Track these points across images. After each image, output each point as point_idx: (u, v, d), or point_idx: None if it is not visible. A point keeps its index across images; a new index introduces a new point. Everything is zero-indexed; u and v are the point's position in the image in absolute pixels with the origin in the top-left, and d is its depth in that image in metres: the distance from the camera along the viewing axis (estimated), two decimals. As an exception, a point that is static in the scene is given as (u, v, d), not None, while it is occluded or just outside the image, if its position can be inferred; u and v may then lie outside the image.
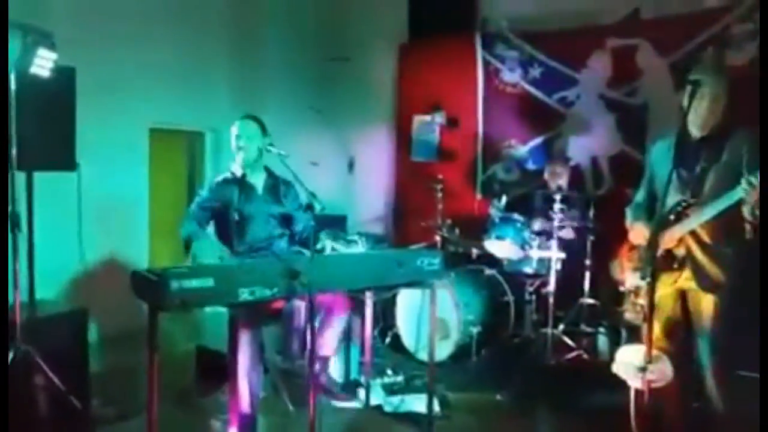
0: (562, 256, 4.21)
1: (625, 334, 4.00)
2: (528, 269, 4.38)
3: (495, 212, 4.46)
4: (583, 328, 4.46)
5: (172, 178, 5.75)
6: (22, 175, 3.33)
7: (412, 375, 3.92)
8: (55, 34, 3.15)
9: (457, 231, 4.74)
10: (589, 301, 4.48)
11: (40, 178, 3.50)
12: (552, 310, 4.15)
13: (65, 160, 3.45)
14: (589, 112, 5.12)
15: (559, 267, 4.20)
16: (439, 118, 5.88)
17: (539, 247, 4.26)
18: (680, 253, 2.66)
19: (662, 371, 2.43)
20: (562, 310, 4.41)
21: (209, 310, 3.25)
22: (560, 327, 4.31)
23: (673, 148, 2.67)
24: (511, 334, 4.43)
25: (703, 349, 2.66)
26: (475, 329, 4.18)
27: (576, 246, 4.43)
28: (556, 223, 4.13)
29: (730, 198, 2.44)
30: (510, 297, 4.42)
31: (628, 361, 2.46)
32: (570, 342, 4.19)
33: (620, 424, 2.59)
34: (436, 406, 3.35)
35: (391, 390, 3.70)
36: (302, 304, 3.28)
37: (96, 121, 4.04)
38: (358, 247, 3.36)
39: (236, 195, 3.31)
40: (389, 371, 3.94)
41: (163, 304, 2.23)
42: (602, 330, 4.32)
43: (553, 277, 4.16)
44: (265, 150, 3.26)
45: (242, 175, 3.37)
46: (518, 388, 3.70)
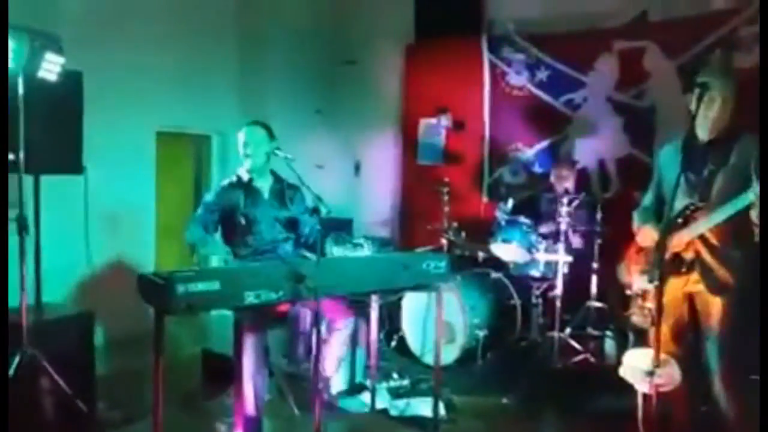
0: (569, 259, 4.19)
1: (632, 338, 3.97)
2: (535, 272, 4.36)
3: (501, 215, 4.45)
4: (590, 331, 4.44)
5: (179, 181, 5.77)
6: (30, 179, 3.35)
7: (417, 378, 3.91)
8: (63, 39, 3.17)
9: (464, 234, 4.73)
10: (596, 305, 4.45)
11: (48, 182, 3.52)
12: (559, 314, 4.13)
13: (72, 163, 3.47)
14: (596, 115, 5.10)
15: (566, 270, 4.18)
16: (445, 121, 5.87)
17: (546, 250, 4.24)
18: (689, 257, 2.64)
19: (670, 375, 2.41)
20: (569, 314, 4.38)
21: (215, 313, 3.26)
22: (567, 330, 4.29)
23: (681, 151, 2.66)
24: (518, 337, 4.41)
25: (711, 353, 2.64)
26: (482, 333, 4.16)
27: (583, 249, 4.41)
28: (563, 227, 4.11)
29: (740, 202, 2.43)
30: (516, 300, 4.41)
31: (635, 365, 2.44)
32: (577, 345, 4.17)
33: (628, 428, 2.57)
34: (442, 410, 3.34)
35: (396, 393, 3.69)
36: (307, 308, 3.27)
37: (103, 124, 4.06)
38: (363, 250, 3.35)
39: (242, 199, 3.32)
40: (395, 375, 3.94)
41: (169, 308, 2.23)
42: (609, 333, 4.30)
43: (560, 281, 4.14)
44: (273, 154, 3.27)
45: (249, 180, 3.37)
46: (525, 392, 3.68)
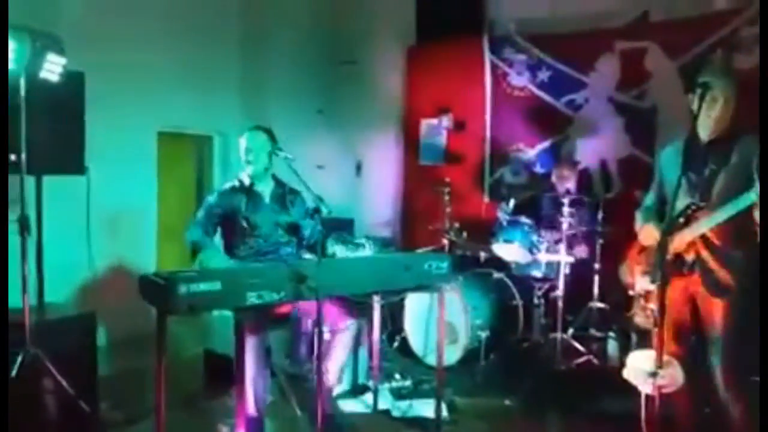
0: (571, 259, 4.19)
1: (635, 339, 3.97)
2: (536, 273, 4.36)
3: (503, 215, 4.45)
4: (593, 332, 4.43)
5: (181, 181, 5.77)
6: (32, 179, 3.35)
7: (420, 379, 3.91)
8: (64, 39, 3.17)
9: (465, 234, 4.72)
10: (599, 305, 4.45)
11: (50, 182, 3.51)
12: (561, 314, 4.13)
13: (74, 164, 3.47)
14: (597, 115, 5.10)
15: (567, 271, 4.18)
16: (446, 122, 5.88)
17: (548, 250, 4.23)
18: (690, 257, 2.64)
19: (673, 376, 2.40)
20: (571, 315, 4.38)
21: (217, 313, 3.26)
22: (569, 331, 4.28)
23: (683, 151, 2.66)
24: (520, 338, 4.40)
25: (714, 354, 2.63)
26: (484, 333, 4.15)
27: (585, 250, 4.40)
28: (564, 227, 4.10)
29: (742, 202, 2.42)
30: (518, 301, 4.40)
31: (638, 366, 2.43)
32: (579, 346, 4.16)
33: (630, 429, 2.55)
34: (445, 411, 3.33)
35: (399, 394, 3.69)
36: (309, 309, 3.26)
37: (105, 125, 4.06)
38: (365, 250, 3.35)
39: (244, 203, 3.32)
40: (397, 376, 3.94)
41: (171, 308, 2.23)
42: (612, 334, 4.29)
43: (562, 281, 4.13)
44: (274, 154, 3.27)
45: (250, 184, 3.37)
46: (527, 393, 3.68)
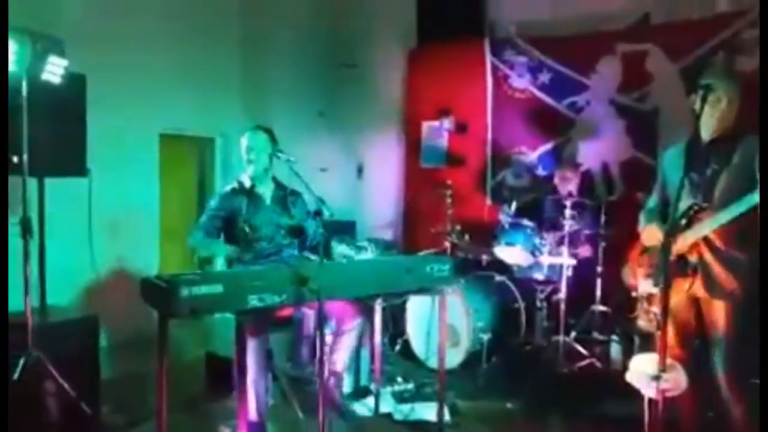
0: (573, 262, 4.18)
1: (637, 342, 3.95)
2: (539, 275, 4.34)
3: (505, 218, 4.43)
4: (595, 335, 4.42)
5: (183, 183, 5.77)
6: (34, 181, 3.35)
7: (422, 382, 3.90)
8: (66, 41, 3.17)
9: (467, 237, 4.71)
10: (601, 308, 4.44)
11: (52, 184, 3.52)
12: (563, 317, 4.12)
13: (76, 165, 3.47)
14: (599, 118, 5.10)
15: (570, 273, 4.17)
16: (448, 124, 5.87)
17: (550, 253, 4.23)
18: (693, 259, 2.63)
19: (676, 380, 2.39)
20: (573, 317, 4.37)
21: (219, 316, 3.26)
22: (572, 334, 4.27)
23: (685, 152, 2.66)
24: (522, 341, 4.39)
25: (717, 358, 2.62)
26: (486, 336, 4.15)
27: (587, 252, 4.40)
28: (566, 230, 4.10)
29: (745, 203, 2.41)
30: (521, 304, 4.39)
31: (641, 370, 2.42)
32: (582, 350, 4.15)
33: (634, 433, 2.56)
34: (447, 414, 3.32)
35: (401, 398, 3.68)
36: (311, 311, 3.27)
37: (106, 127, 4.06)
38: (367, 253, 3.34)
39: (245, 205, 3.32)
40: (399, 379, 3.93)
41: (172, 311, 2.23)
42: (615, 338, 4.27)
43: (564, 284, 4.12)
44: (275, 156, 3.26)
45: (251, 186, 3.37)
46: (529, 397, 3.67)
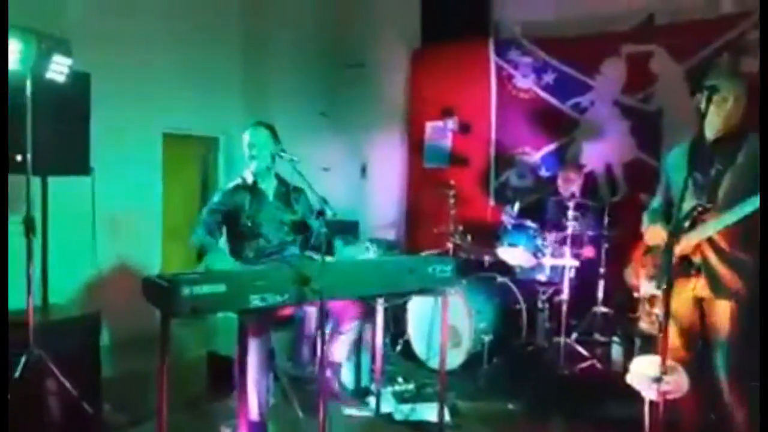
0: (576, 263, 4.17)
1: (638, 344, 3.94)
2: (541, 277, 4.33)
3: (508, 219, 4.43)
4: (597, 337, 4.41)
5: (186, 182, 5.78)
6: (37, 180, 3.36)
7: (423, 383, 3.89)
8: (71, 40, 3.18)
9: (470, 238, 4.71)
10: (603, 310, 4.43)
11: (55, 183, 3.53)
12: (565, 319, 4.11)
13: (80, 164, 3.48)
14: (603, 118, 5.08)
15: (572, 275, 4.16)
16: (451, 124, 5.87)
17: (552, 254, 4.22)
18: (697, 260, 2.62)
19: (678, 382, 2.38)
20: (575, 319, 4.36)
21: (221, 315, 3.26)
22: (573, 336, 4.27)
23: (689, 151, 2.65)
24: (524, 342, 4.38)
25: (720, 360, 2.61)
26: (487, 337, 4.14)
27: (590, 254, 4.39)
28: (569, 231, 4.09)
29: (750, 205, 2.40)
30: (522, 305, 4.38)
31: (642, 372, 2.41)
32: (583, 351, 4.15)
33: (634, 435, 2.55)
34: (447, 415, 3.32)
35: (401, 398, 3.68)
36: (313, 310, 3.27)
37: (110, 126, 4.07)
38: (369, 253, 3.34)
39: (248, 202, 3.31)
40: (400, 379, 3.93)
41: (174, 311, 2.23)
42: (616, 339, 4.26)
43: (567, 285, 4.11)
44: (278, 156, 3.26)
45: (253, 182, 3.37)
46: (530, 398, 3.66)
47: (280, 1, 6.00)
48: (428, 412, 3.42)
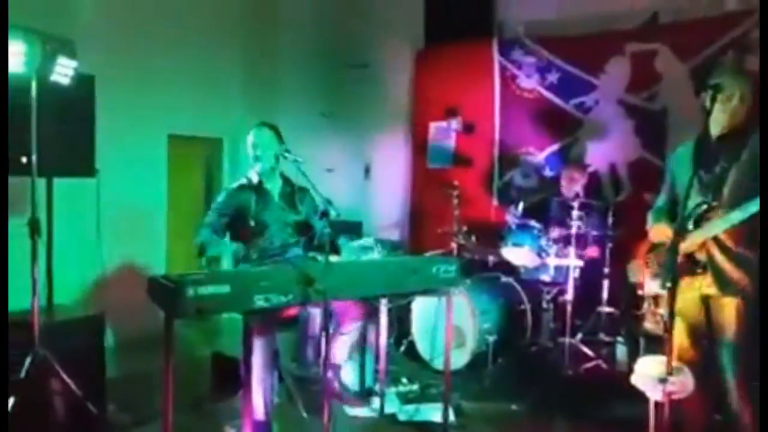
0: (580, 263, 4.16)
1: (643, 344, 3.93)
2: (545, 277, 4.33)
3: (512, 219, 4.42)
4: (602, 337, 4.39)
5: (190, 183, 5.79)
6: (43, 182, 3.37)
7: (427, 383, 3.90)
8: (76, 43, 3.19)
9: (474, 238, 4.71)
10: (608, 310, 4.41)
11: (60, 184, 3.54)
12: (570, 319, 4.10)
13: (85, 166, 3.50)
14: (607, 118, 5.07)
15: (577, 275, 4.15)
16: (455, 124, 5.86)
17: (556, 254, 4.21)
18: (703, 258, 2.61)
19: (683, 383, 2.38)
20: (580, 319, 4.35)
21: (226, 315, 3.27)
22: (578, 336, 4.26)
23: (694, 149, 2.64)
24: (528, 342, 4.37)
25: (726, 359, 2.60)
26: (492, 338, 4.13)
27: (594, 253, 4.38)
28: (573, 231, 4.08)
29: (755, 205, 2.38)
30: (527, 305, 4.37)
31: (647, 373, 2.40)
32: (588, 351, 4.14)
33: (639, 435, 2.54)
34: (452, 416, 3.32)
35: (406, 398, 3.68)
36: (317, 311, 3.27)
37: (115, 127, 4.09)
38: (373, 253, 3.34)
39: (252, 202, 3.32)
40: (404, 379, 3.93)
41: (179, 311, 2.24)
42: (621, 339, 4.25)
43: (571, 285, 4.11)
44: (282, 156, 3.27)
45: (258, 182, 3.38)
46: (535, 398, 3.65)
47: (284, 3, 6.02)
48: (432, 413, 3.43)
